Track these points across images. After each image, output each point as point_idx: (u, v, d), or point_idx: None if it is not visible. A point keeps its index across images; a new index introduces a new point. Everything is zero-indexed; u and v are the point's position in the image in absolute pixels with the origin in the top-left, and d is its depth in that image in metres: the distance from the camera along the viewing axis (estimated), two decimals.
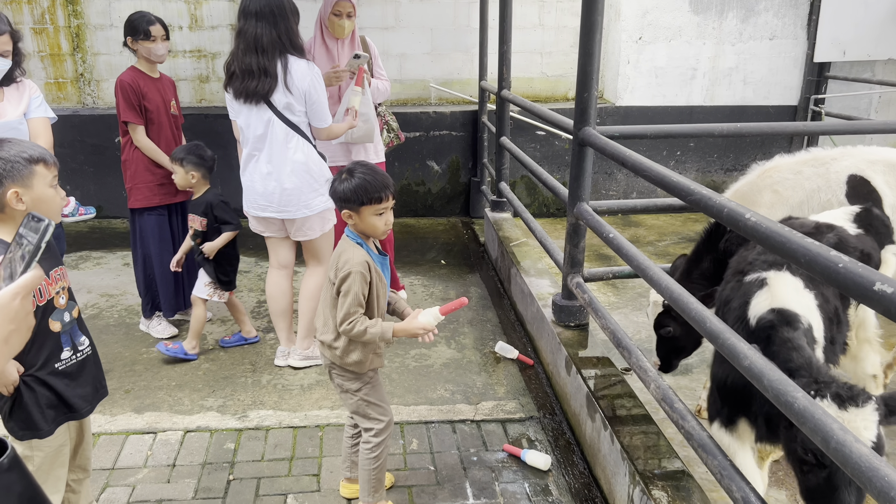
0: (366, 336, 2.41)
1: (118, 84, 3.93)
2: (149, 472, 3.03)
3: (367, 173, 2.43)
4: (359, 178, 2.41)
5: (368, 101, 4.08)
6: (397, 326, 2.46)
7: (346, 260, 2.43)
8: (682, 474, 2.49)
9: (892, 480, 1.32)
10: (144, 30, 3.89)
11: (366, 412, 2.63)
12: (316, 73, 3.52)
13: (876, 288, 1.36)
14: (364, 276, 2.41)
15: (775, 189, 3.23)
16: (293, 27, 3.48)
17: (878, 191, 3.17)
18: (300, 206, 3.61)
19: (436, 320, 2.47)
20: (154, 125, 4.05)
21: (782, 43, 7.04)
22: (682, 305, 2.24)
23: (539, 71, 7.31)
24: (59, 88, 6.83)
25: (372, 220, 2.44)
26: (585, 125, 3.18)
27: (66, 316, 2.20)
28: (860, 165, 3.20)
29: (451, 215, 7.13)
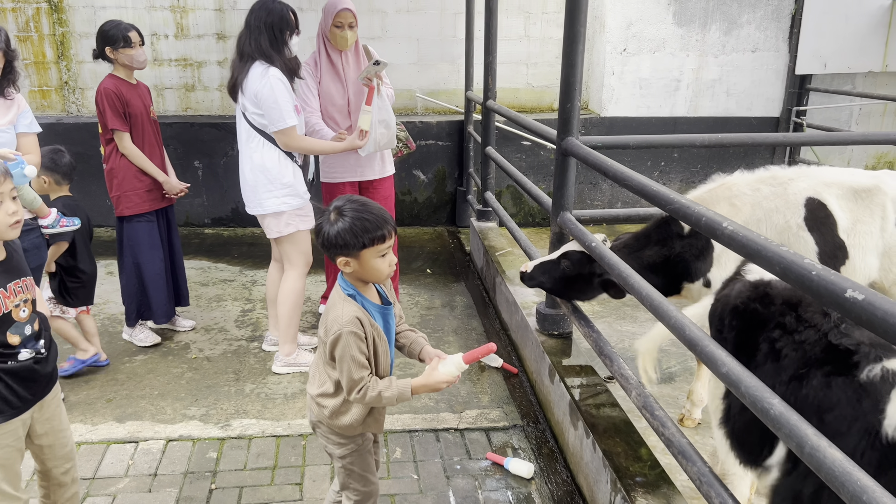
0: (382, 401, 2.07)
1: (102, 92, 3.92)
2: (130, 482, 3.01)
3: (361, 209, 2.02)
4: (352, 216, 2.00)
5: (387, 106, 4.10)
6: (416, 383, 2.09)
7: (335, 318, 2.06)
8: (664, 482, 2.50)
9: (865, 485, 1.34)
10: (124, 37, 3.88)
11: (346, 482, 2.31)
12: (270, 76, 3.56)
13: (847, 295, 1.38)
14: (357, 336, 2.04)
15: (733, 202, 3.26)
16: (271, 36, 3.60)
17: (834, 215, 3.19)
18: (254, 204, 3.80)
19: (459, 370, 2.10)
20: (137, 131, 4.04)
21: (764, 55, 7.13)
22: (662, 313, 2.26)
23: (525, 82, 7.36)
24: (44, 96, 6.80)
25: (374, 263, 2.05)
26: (568, 135, 3.21)
27: (27, 329, 2.15)
28: (817, 188, 3.22)
29: (437, 224, 7.15)
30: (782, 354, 1.97)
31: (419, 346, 2.29)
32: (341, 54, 4.13)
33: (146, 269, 4.18)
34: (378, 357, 2.14)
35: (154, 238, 4.20)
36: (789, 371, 1.93)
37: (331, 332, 2.05)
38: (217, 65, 6.90)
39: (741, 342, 2.12)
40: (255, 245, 6.29)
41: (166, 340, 4.34)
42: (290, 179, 3.73)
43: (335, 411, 2.19)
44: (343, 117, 4.17)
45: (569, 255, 3.22)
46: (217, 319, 4.70)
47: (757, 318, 2.11)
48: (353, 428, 2.21)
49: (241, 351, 4.24)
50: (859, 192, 3.23)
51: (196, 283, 5.33)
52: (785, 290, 2.11)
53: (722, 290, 2.40)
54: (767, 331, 2.06)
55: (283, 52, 3.65)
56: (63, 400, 3.56)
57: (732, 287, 2.31)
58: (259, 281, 5.42)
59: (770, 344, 2.03)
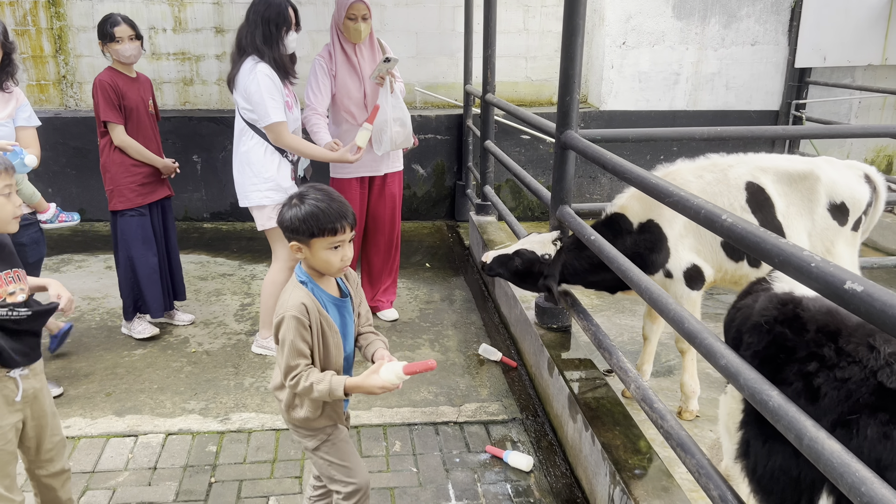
0: (313, 393, 2.05)
1: (97, 84, 3.90)
2: (129, 475, 3.01)
3: (321, 200, 2.03)
4: (310, 204, 2.02)
5: (402, 104, 4.13)
6: (350, 382, 2.03)
7: (282, 303, 2.09)
8: (663, 474, 2.51)
9: (863, 476, 1.34)
10: (109, 33, 3.85)
11: (329, 473, 2.26)
12: (258, 72, 3.58)
13: (846, 287, 1.38)
14: (300, 322, 2.03)
15: None
16: (266, 31, 3.61)
17: (771, 199, 3.29)
18: (242, 196, 3.87)
19: (398, 379, 2.01)
20: (133, 124, 4.02)
21: (764, 48, 7.12)
22: (661, 306, 2.26)
23: (524, 75, 7.35)
24: (42, 91, 6.78)
25: (324, 254, 2.05)
26: (567, 128, 3.20)
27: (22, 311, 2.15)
28: (755, 173, 3.32)
29: (436, 219, 7.14)
30: (821, 393, 1.74)
31: (374, 347, 2.24)
32: (355, 47, 4.08)
33: (139, 264, 4.16)
34: (328, 349, 2.12)
35: (147, 232, 4.16)
36: (832, 415, 1.71)
37: (276, 316, 2.07)
38: (215, 59, 6.88)
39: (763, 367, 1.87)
40: (254, 239, 6.28)
41: (165, 335, 4.34)
42: (273, 174, 3.76)
43: (288, 404, 2.19)
44: (360, 110, 4.14)
45: (520, 254, 3.36)
46: (216, 313, 4.69)
47: (784, 343, 1.89)
48: (309, 421, 2.18)
49: (240, 345, 4.24)
50: (794, 177, 3.31)
51: (195, 277, 5.33)
52: (819, 313, 1.87)
53: (743, 298, 2.19)
54: (799, 362, 1.82)
55: (277, 48, 3.65)
56: (62, 394, 3.59)
57: (756, 298, 2.08)
58: (258, 275, 5.42)
59: (804, 379, 1.79)
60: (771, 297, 2.02)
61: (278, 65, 3.67)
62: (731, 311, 2.20)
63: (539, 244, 3.39)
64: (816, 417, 1.65)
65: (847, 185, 3.31)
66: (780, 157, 3.43)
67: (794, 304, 1.94)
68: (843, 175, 3.34)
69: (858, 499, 1.33)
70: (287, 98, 3.75)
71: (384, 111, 4.03)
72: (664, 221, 3.30)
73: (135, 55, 3.97)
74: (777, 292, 2.02)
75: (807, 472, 1.73)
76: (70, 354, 4.07)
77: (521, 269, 3.36)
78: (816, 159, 3.44)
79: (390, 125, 4.04)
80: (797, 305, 1.93)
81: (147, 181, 4.10)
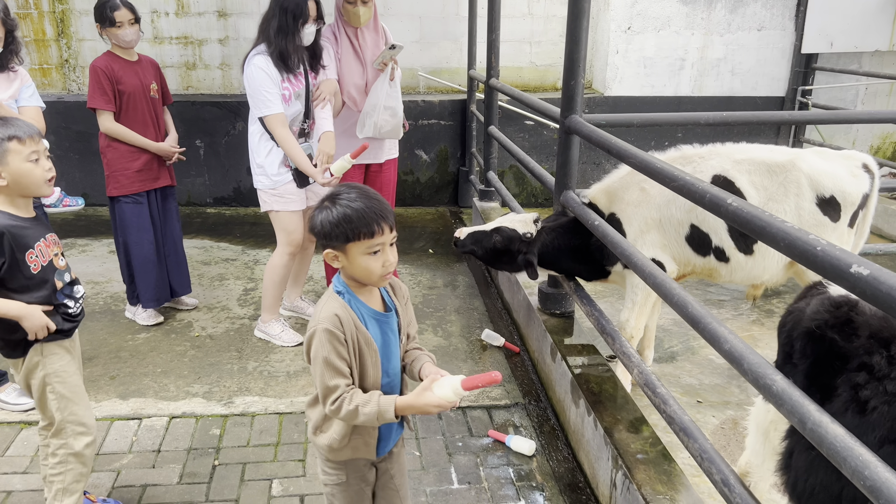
0: (359, 418, 1.75)
1: (91, 69, 3.85)
2: (134, 458, 3.03)
3: (355, 199, 1.76)
4: (342, 206, 1.75)
5: (398, 94, 4.10)
6: (402, 402, 1.76)
7: (314, 314, 1.83)
8: (665, 459, 2.51)
9: (867, 460, 1.34)
10: (109, 17, 3.79)
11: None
12: (253, 64, 3.61)
13: (853, 270, 1.38)
14: (334, 335, 1.75)
15: (642, 187, 3.24)
16: (282, 21, 3.59)
17: (743, 191, 3.17)
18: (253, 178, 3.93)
19: (456, 395, 1.72)
20: (130, 110, 3.96)
21: (770, 34, 7.06)
22: (666, 291, 2.26)
23: (528, 60, 7.31)
24: (44, 74, 6.76)
25: (363, 261, 1.77)
26: (572, 113, 3.18)
27: (66, 276, 2.46)
28: (725, 165, 3.20)
29: (439, 205, 7.13)
30: (869, 407, 1.63)
31: (420, 362, 1.95)
32: (357, 31, 3.99)
33: (133, 252, 4.13)
34: (365, 368, 1.84)
35: (143, 220, 4.12)
36: (880, 430, 1.61)
37: (308, 329, 1.82)
38: (218, 43, 6.85)
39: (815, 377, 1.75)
40: (258, 224, 6.28)
41: (169, 319, 4.35)
42: (262, 160, 3.79)
43: (316, 426, 1.94)
44: (361, 96, 4.09)
45: (501, 231, 3.31)
46: (220, 298, 4.70)
47: (835, 350, 1.77)
48: (332, 451, 1.92)
49: (243, 329, 4.25)
50: (773, 169, 3.19)
51: (198, 262, 5.34)
52: (874, 317, 1.74)
53: (796, 302, 2.06)
54: (849, 371, 1.70)
55: (291, 40, 3.61)
56: None
57: (809, 301, 1.95)
58: (262, 260, 5.42)
59: (852, 389, 1.68)
60: (823, 301, 1.89)
61: (285, 57, 3.63)
62: (784, 316, 2.07)
63: (520, 223, 3.35)
64: (863, 431, 1.61)
65: (835, 177, 3.16)
66: (760, 147, 3.30)
67: (849, 307, 1.82)
68: (831, 167, 3.19)
69: (862, 482, 1.33)
70: (285, 90, 3.69)
71: (377, 96, 3.99)
72: (624, 218, 3.28)
73: (134, 39, 3.93)
74: (832, 295, 1.90)
75: (849, 489, 1.64)
76: None
77: (501, 246, 3.30)
78: (799, 150, 3.30)
79: (379, 111, 3.99)
80: (852, 308, 1.81)
81: (145, 168, 4.06)
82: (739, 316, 4.59)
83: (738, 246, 3.20)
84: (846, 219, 3.22)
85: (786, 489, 1.93)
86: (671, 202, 3.19)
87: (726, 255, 3.22)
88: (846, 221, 3.22)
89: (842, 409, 1.68)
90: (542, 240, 3.28)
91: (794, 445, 1.90)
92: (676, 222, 3.22)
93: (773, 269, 3.28)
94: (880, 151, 7.48)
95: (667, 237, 3.25)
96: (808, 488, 1.79)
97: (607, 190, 3.38)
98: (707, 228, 3.19)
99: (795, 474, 1.87)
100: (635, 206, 3.27)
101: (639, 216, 3.25)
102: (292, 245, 3.93)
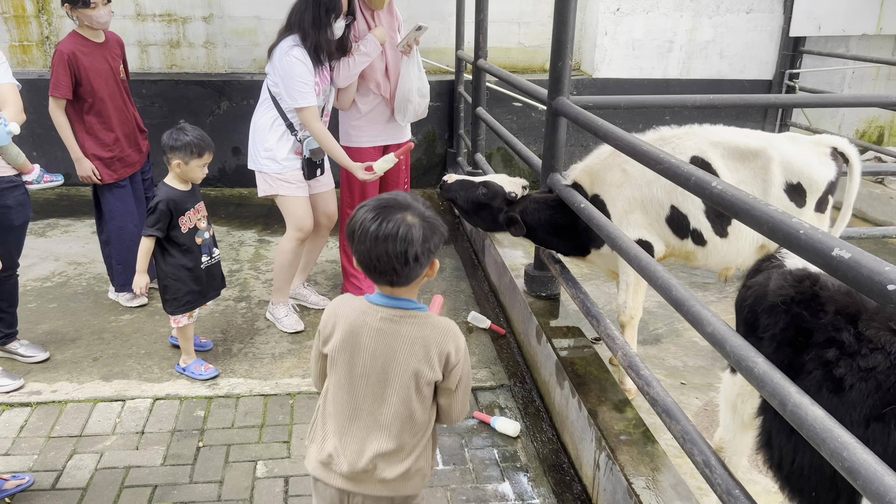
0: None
1: (56, 53, 3.72)
2: (117, 440, 3.02)
3: None
4: None
5: (424, 76, 4.14)
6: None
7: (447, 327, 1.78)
8: (648, 440, 2.53)
9: (845, 441, 1.35)
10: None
11: None
12: (292, 55, 3.56)
13: (834, 254, 1.38)
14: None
15: (624, 168, 3.25)
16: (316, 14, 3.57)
17: (718, 172, 3.19)
18: (250, 158, 3.92)
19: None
20: (100, 96, 3.87)
21: (759, 17, 7.05)
22: (650, 273, 2.26)
23: (516, 41, 7.25)
24: (24, 52, 6.64)
25: None
26: (559, 95, 3.17)
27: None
28: (703, 147, 3.21)
29: (426, 187, 7.10)
30: (846, 384, 1.64)
31: None
32: (373, 13, 3.96)
33: (113, 236, 4.08)
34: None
35: (127, 205, 4.06)
36: (862, 409, 1.62)
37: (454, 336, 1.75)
38: (203, 21, 6.74)
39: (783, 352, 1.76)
40: (243, 206, 6.23)
41: (153, 300, 4.31)
42: (272, 145, 3.76)
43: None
44: (385, 81, 4.06)
45: (488, 185, 3.35)
46: None
47: (802, 325, 1.77)
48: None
49: (228, 311, 4.23)
50: (745, 154, 3.20)
51: None
52: (838, 293, 1.75)
53: (753, 276, 2.06)
54: (818, 347, 1.71)
55: (324, 33, 3.60)
56: (48, 359, 3.58)
57: (769, 276, 1.95)
58: (246, 242, 5.39)
59: (825, 367, 1.69)
60: (785, 275, 1.89)
61: (318, 50, 3.62)
62: (742, 291, 2.07)
63: (508, 182, 3.38)
64: (845, 412, 1.60)
65: (803, 163, 3.17)
66: (736, 131, 3.31)
67: (812, 282, 1.81)
68: (801, 153, 3.19)
69: (840, 464, 1.34)
70: (317, 83, 3.70)
71: (409, 81, 4.03)
72: (608, 199, 3.28)
73: (108, 20, 3.82)
74: (791, 269, 1.90)
75: None
76: (56, 319, 4.05)
77: (484, 199, 3.33)
78: (774, 136, 3.29)
79: (414, 96, 4.06)
80: (815, 283, 1.81)
81: (123, 155, 4.00)
82: (724, 299, 4.62)
83: (715, 229, 3.21)
84: (812, 204, 3.23)
85: (770, 467, 1.92)
86: (652, 182, 3.19)
87: (704, 237, 3.23)
88: (812, 206, 3.23)
89: (816, 386, 1.68)
90: (525, 205, 3.29)
91: (773, 426, 1.89)
92: (658, 203, 3.22)
93: (747, 251, 3.30)
94: (866, 135, 7.51)
95: (651, 217, 3.25)
96: (797, 469, 1.77)
97: (589, 171, 3.37)
98: (685, 210, 3.20)
99: (780, 454, 1.85)
100: (618, 188, 3.26)
101: (622, 197, 3.25)
102: (301, 231, 3.89)
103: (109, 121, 3.95)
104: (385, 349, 1.70)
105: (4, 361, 3.52)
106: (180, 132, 3.20)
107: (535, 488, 2.80)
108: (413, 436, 1.75)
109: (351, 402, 1.74)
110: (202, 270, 3.42)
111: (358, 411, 1.74)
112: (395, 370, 1.70)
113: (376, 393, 1.72)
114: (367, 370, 1.71)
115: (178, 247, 3.31)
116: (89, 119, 3.91)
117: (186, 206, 3.31)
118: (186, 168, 3.25)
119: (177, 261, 3.33)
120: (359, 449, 1.73)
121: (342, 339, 1.73)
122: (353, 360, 1.72)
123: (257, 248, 5.28)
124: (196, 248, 3.37)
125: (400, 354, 1.69)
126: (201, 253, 3.40)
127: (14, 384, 3.32)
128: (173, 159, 3.24)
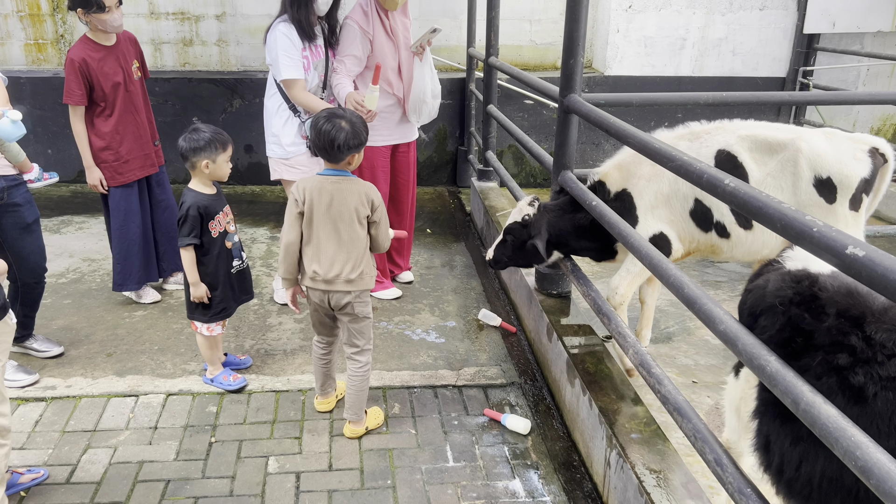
0: None
1: (67, 61, 3.72)
2: (130, 435, 3.04)
3: None
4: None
5: (435, 75, 4.20)
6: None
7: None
8: (659, 439, 2.52)
9: (858, 440, 1.34)
10: (97, 2, 3.61)
11: (369, 333, 3.02)
12: (277, 29, 3.71)
13: (848, 251, 1.37)
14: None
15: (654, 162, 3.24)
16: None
17: (745, 166, 3.18)
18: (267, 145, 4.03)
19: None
20: (114, 101, 3.89)
21: (772, 13, 6.99)
22: (662, 271, 2.25)
23: (528, 39, 7.24)
24: (40, 50, 6.70)
25: None
26: (571, 92, 3.16)
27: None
28: (730, 140, 3.21)
29: (437, 184, 7.11)
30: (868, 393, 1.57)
31: None
32: (388, 13, 3.97)
33: (116, 235, 4.09)
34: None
35: (131, 205, 4.07)
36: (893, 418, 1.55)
37: None
38: (215, 19, 6.78)
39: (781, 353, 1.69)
40: (255, 203, 6.26)
41: (166, 297, 4.35)
42: (278, 130, 3.87)
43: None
44: (397, 80, 4.08)
45: (510, 230, 3.37)
46: None
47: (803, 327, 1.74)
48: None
49: (240, 308, 4.23)
50: (774, 147, 3.19)
51: None
52: (838, 293, 1.72)
53: (755, 280, 2.04)
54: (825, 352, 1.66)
55: (303, 9, 3.67)
56: (62, 354, 3.61)
57: (768, 277, 1.93)
58: (258, 239, 5.41)
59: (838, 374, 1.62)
60: (784, 276, 1.86)
61: (302, 26, 3.71)
62: (744, 294, 2.06)
63: (517, 212, 3.39)
64: (870, 421, 1.55)
65: (834, 158, 3.11)
66: (764, 124, 3.29)
67: (811, 282, 1.78)
68: (834, 148, 3.14)
69: (853, 462, 1.33)
70: (304, 58, 3.77)
71: (423, 82, 4.07)
72: (636, 192, 3.28)
73: (121, 23, 3.81)
74: (790, 270, 1.88)
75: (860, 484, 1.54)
76: (71, 315, 4.09)
77: (516, 244, 3.34)
78: (807, 130, 3.26)
79: (428, 98, 4.11)
80: (814, 283, 1.77)
81: (131, 158, 4.01)
82: (736, 297, 4.58)
83: (739, 221, 3.21)
84: (844, 201, 3.17)
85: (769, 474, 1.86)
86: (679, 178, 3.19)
87: (727, 230, 3.23)
88: (844, 204, 3.17)
89: (829, 394, 1.59)
90: (543, 220, 3.28)
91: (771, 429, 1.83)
92: (682, 196, 3.23)
93: (773, 243, 3.27)
94: (881, 133, 7.45)
95: (674, 212, 3.26)
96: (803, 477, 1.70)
97: (620, 165, 3.37)
98: (709, 203, 3.19)
99: (780, 459, 1.78)
100: (647, 181, 3.27)
101: (650, 190, 3.24)
102: None
103: (119, 124, 3.95)
104: (338, 198, 2.78)
105: (19, 356, 3.55)
106: (197, 132, 3.16)
107: (546, 486, 2.80)
108: (360, 251, 2.85)
109: (322, 235, 2.82)
110: (234, 276, 3.35)
111: (327, 241, 2.82)
112: (345, 210, 2.79)
113: (336, 226, 2.80)
114: (329, 213, 2.79)
115: (209, 253, 3.22)
116: (99, 122, 3.92)
117: (216, 210, 3.23)
118: (215, 166, 3.18)
119: (207, 269, 3.23)
120: (329, 263, 2.83)
121: (312, 198, 2.79)
122: (320, 208, 2.79)
123: (269, 245, 5.30)
124: (226, 252, 3.28)
125: (347, 200, 2.79)
126: (232, 257, 3.32)
127: (29, 379, 3.36)
128: (200, 161, 3.15)
